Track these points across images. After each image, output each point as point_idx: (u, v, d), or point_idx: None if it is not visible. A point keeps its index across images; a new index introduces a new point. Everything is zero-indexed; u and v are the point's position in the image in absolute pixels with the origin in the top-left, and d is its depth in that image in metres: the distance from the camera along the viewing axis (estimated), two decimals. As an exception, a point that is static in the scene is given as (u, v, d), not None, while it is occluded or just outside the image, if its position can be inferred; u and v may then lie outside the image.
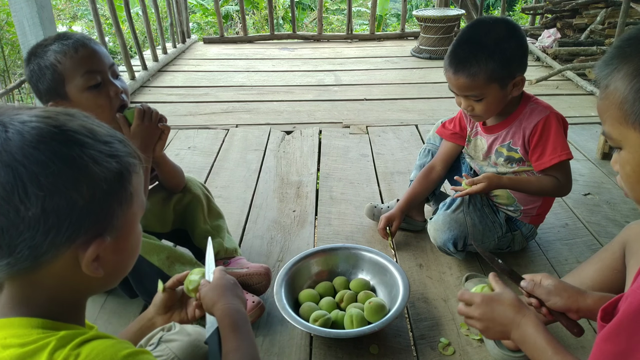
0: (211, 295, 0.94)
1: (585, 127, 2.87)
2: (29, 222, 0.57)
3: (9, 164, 0.57)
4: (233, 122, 3.09)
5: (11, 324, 0.62)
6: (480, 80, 1.39)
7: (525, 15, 6.42)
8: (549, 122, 1.47)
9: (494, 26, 1.42)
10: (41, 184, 0.57)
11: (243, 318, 0.91)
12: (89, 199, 0.61)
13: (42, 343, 0.59)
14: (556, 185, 1.50)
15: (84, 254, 0.62)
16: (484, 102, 1.45)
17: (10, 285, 0.64)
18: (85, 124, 0.64)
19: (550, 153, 1.47)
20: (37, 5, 2.48)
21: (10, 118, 0.60)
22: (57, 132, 0.60)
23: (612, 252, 1.19)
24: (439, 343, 1.36)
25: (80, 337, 0.61)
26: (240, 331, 0.88)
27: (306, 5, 9.40)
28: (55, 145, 0.59)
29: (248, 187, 2.25)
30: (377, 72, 4.20)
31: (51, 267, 0.62)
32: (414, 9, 8.11)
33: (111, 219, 0.64)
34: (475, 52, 1.39)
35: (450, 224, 1.55)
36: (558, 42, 4.28)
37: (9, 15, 4.98)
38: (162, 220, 1.55)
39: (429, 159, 1.82)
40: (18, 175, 0.57)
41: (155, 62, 4.29)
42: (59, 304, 0.66)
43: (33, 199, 0.57)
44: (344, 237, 1.85)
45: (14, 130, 0.58)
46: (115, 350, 0.61)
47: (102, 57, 1.31)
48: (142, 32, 6.13)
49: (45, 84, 1.27)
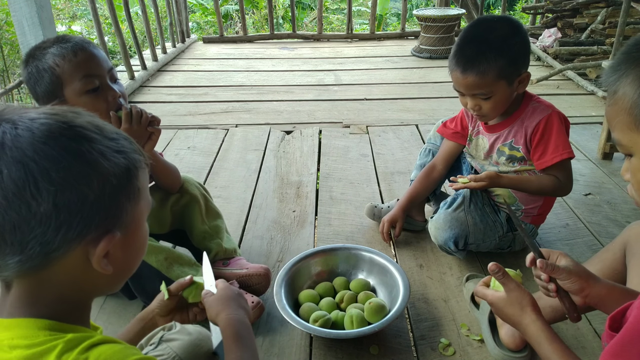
0: (215, 305, 0.94)
1: (586, 127, 2.86)
2: (40, 218, 0.58)
3: (20, 160, 0.57)
4: (233, 122, 3.08)
5: (18, 324, 0.62)
6: (490, 78, 1.40)
7: (525, 15, 6.41)
8: (551, 121, 1.47)
9: (497, 24, 1.43)
10: (52, 179, 0.58)
11: (246, 329, 0.92)
12: (99, 194, 0.61)
13: (49, 345, 0.59)
14: (557, 184, 1.49)
15: (94, 250, 0.63)
16: (492, 100, 1.44)
17: (19, 284, 0.64)
18: (92, 121, 0.65)
19: (552, 152, 1.47)
20: (37, 5, 2.48)
21: (19, 116, 0.61)
22: (66, 127, 0.61)
23: (612, 253, 1.19)
24: (439, 343, 1.35)
25: (88, 340, 0.61)
26: (243, 342, 0.89)
27: (306, 4, 9.40)
28: (65, 140, 0.60)
29: (248, 187, 2.24)
30: (377, 72, 4.20)
31: (61, 264, 0.62)
32: (414, 8, 8.12)
33: (120, 214, 0.65)
34: (483, 50, 1.39)
35: (452, 223, 1.54)
36: (559, 42, 4.27)
37: (8, 15, 4.97)
38: (159, 221, 1.55)
39: (429, 158, 1.81)
40: (29, 171, 0.57)
41: (154, 62, 4.28)
42: (67, 304, 0.66)
43: (44, 194, 0.57)
44: (344, 238, 1.85)
45: (23, 127, 0.59)
46: (123, 355, 0.61)
47: (101, 61, 1.30)
48: (141, 31, 6.12)
49: (43, 87, 1.26)
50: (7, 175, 0.56)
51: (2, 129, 0.59)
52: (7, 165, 0.57)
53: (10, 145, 0.57)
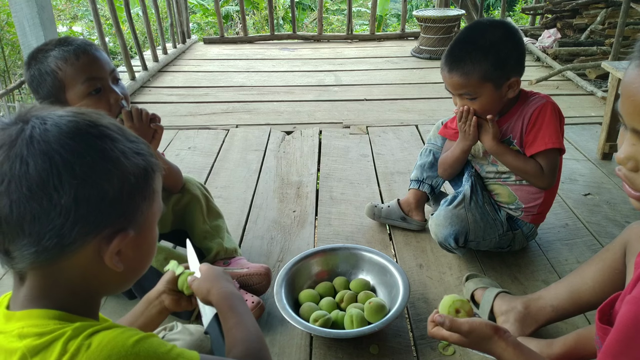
0: (204, 285, 0.94)
1: (585, 127, 2.87)
2: (60, 210, 0.59)
3: (47, 152, 0.59)
4: (233, 122, 3.09)
5: (30, 315, 0.63)
6: (473, 79, 1.43)
7: (525, 16, 6.43)
8: (545, 110, 1.50)
9: (491, 28, 1.47)
10: (75, 173, 0.59)
11: (239, 298, 0.93)
12: (118, 191, 0.63)
13: (58, 333, 0.61)
14: (539, 172, 1.51)
15: (107, 247, 0.64)
16: (478, 101, 1.48)
17: (32, 276, 0.65)
18: (115, 123, 0.68)
19: (540, 139, 1.49)
20: (38, 5, 2.49)
21: (48, 112, 0.63)
22: (92, 126, 0.64)
23: (613, 252, 1.19)
24: (439, 343, 1.36)
25: (92, 327, 0.63)
26: (239, 309, 0.90)
27: (306, 5, 9.41)
28: (90, 137, 0.63)
29: (248, 187, 2.25)
30: (377, 73, 4.20)
31: (74, 258, 0.63)
32: (414, 9, 8.11)
33: (135, 213, 0.66)
34: (469, 52, 1.43)
35: (452, 220, 1.55)
36: (558, 42, 4.28)
37: (9, 16, 4.98)
38: (161, 221, 1.54)
39: (430, 158, 1.82)
40: (54, 163, 0.59)
41: (155, 63, 4.29)
42: (77, 298, 0.67)
43: (67, 186, 0.59)
44: (344, 238, 1.85)
45: (52, 123, 0.61)
46: (125, 337, 0.62)
47: (103, 64, 1.31)
48: (142, 32, 6.14)
49: (45, 90, 1.27)
50: (32, 167, 0.58)
51: (32, 124, 0.61)
52: (33, 157, 0.59)
53: (39, 139, 0.60)
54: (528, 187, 1.59)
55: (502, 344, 0.95)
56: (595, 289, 1.21)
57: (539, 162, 1.51)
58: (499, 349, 0.95)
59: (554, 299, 1.28)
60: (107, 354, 0.60)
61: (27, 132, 0.60)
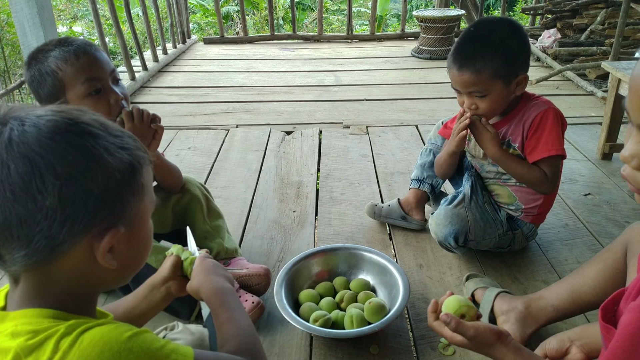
0: (194, 282, 0.93)
1: (585, 127, 2.87)
2: (46, 212, 0.59)
3: (27, 154, 0.58)
4: (233, 122, 3.09)
5: (24, 314, 0.63)
6: (485, 76, 1.42)
7: (525, 16, 6.42)
8: (547, 116, 1.49)
9: (497, 25, 1.46)
10: (58, 173, 0.59)
11: (230, 292, 0.91)
12: (104, 188, 0.62)
13: (51, 331, 0.60)
14: (542, 179, 1.51)
15: (98, 245, 0.64)
16: (488, 99, 1.46)
17: (26, 278, 0.65)
18: (97, 118, 0.66)
19: (542, 146, 1.49)
20: (38, 5, 2.49)
21: (26, 113, 0.62)
22: (72, 124, 0.62)
23: (614, 252, 1.19)
24: (439, 343, 1.36)
25: (86, 324, 0.62)
26: (229, 304, 0.88)
27: (306, 5, 9.41)
28: (70, 136, 0.62)
29: (248, 187, 2.25)
30: (377, 73, 4.20)
31: (66, 258, 0.63)
32: (414, 9, 8.12)
33: (124, 209, 0.66)
34: (480, 49, 1.41)
35: (452, 219, 1.55)
36: (558, 43, 4.28)
37: (9, 16, 4.98)
38: (161, 221, 1.55)
39: (430, 158, 1.82)
40: (35, 165, 0.58)
41: (155, 63, 4.29)
42: (73, 296, 0.67)
43: (50, 188, 0.58)
44: (344, 238, 1.85)
45: (30, 124, 0.60)
46: (118, 332, 0.62)
47: (103, 64, 1.30)
48: (142, 32, 6.13)
49: (45, 90, 1.27)
50: (14, 170, 0.58)
51: (10, 126, 0.60)
52: (14, 161, 0.58)
53: (18, 141, 0.59)
54: (528, 189, 1.59)
55: (503, 349, 0.95)
56: (596, 289, 1.21)
57: (542, 168, 1.51)
58: (500, 354, 0.96)
59: (555, 298, 1.28)
60: (99, 350, 0.59)
61: (5, 134, 0.59)
